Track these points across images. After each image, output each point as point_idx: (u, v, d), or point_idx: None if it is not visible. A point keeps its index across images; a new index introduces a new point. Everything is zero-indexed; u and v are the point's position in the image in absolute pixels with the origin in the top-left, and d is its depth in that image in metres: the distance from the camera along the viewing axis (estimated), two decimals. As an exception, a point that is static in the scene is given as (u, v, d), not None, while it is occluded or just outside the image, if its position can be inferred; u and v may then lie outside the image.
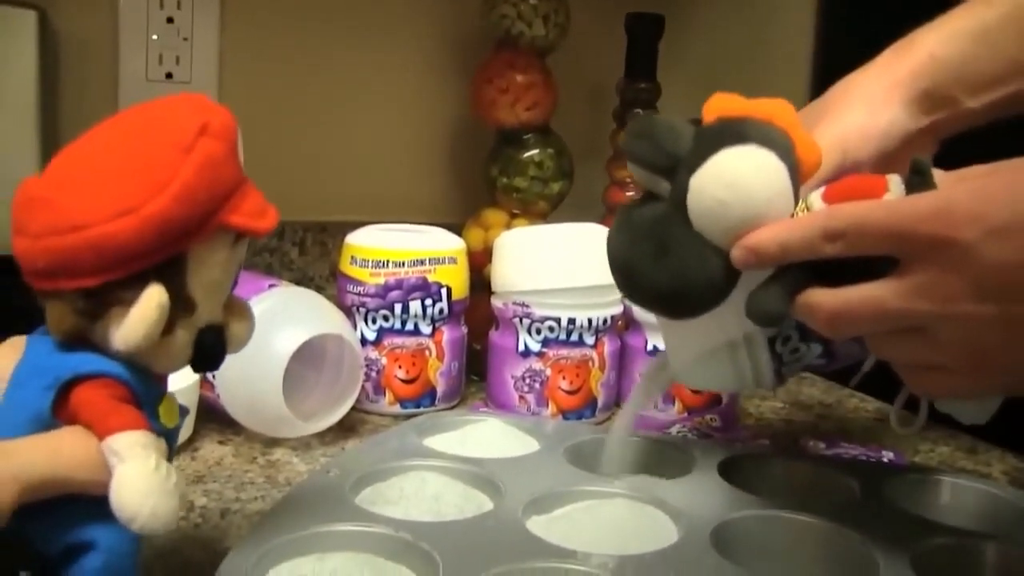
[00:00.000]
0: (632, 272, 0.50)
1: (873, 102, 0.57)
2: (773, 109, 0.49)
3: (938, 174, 0.49)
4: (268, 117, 0.96)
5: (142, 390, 0.40)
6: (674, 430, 0.73)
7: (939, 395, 0.50)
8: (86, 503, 0.37)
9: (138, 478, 0.36)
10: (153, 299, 0.38)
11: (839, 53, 1.12)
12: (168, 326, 0.39)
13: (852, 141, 0.56)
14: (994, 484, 0.64)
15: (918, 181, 0.48)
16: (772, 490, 0.58)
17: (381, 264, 0.75)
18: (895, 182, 0.48)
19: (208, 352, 0.42)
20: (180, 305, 0.40)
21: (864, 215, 0.45)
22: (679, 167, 0.48)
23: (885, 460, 0.69)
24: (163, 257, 0.38)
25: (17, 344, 0.41)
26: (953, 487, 0.61)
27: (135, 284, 0.38)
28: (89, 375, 0.38)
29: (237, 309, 0.44)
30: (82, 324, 0.39)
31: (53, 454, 0.37)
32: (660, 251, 0.49)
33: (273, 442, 0.69)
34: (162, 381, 0.43)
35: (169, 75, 0.90)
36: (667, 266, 0.49)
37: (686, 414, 0.78)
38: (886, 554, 0.49)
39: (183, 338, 0.41)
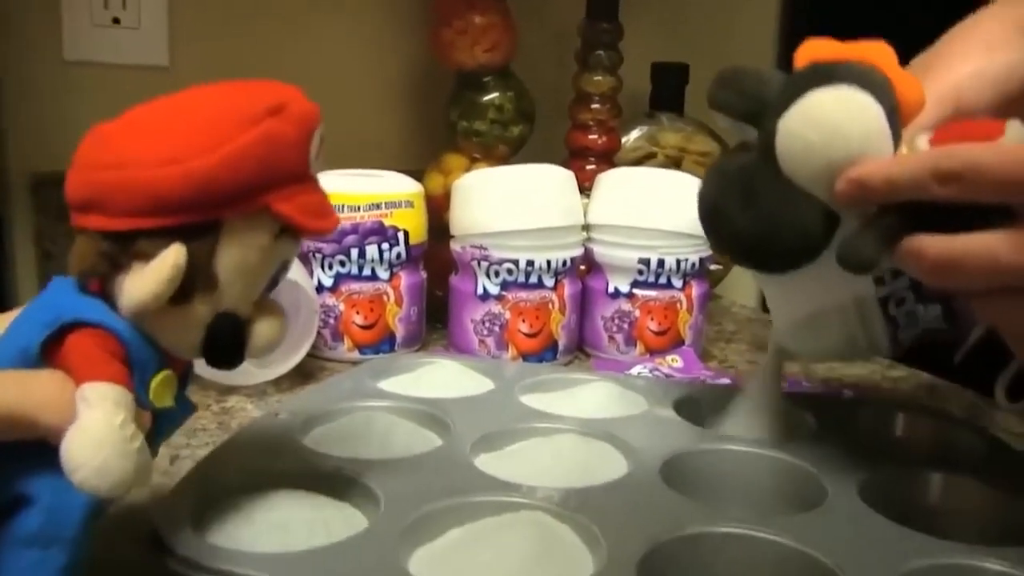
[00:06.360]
0: (718, 219, 0.48)
1: (991, 44, 0.52)
2: (868, 51, 0.46)
3: None
4: (221, 60, 0.93)
5: (141, 357, 0.38)
6: (635, 371, 0.73)
7: None
8: (37, 453, 0.35)
9: (96, 428, 0.34)
10: (170, 258, 0.37)
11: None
12: (185, 294, 0.37)
13: (967, 86, 0.51)
14: (946, 413, 0.64)
15: None
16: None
17: (336, 208, 0.73)
18: (1015, 127, 0.44)
19: (219, 339, 0.40)
20: (201, 276, 0.38)
21: (983, 157, 0.41)
22: (766, 113, 0.46)
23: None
24: (196, 218, 0.37)
25: (3, 321, 0.39)
26: (906, 419, 0.61)
27: (161, 240, 0.37)
28: (90, 323, 0.37)
29: (269, 310, 0.42)
30: (101, 268, 0.37)
31: (23, 389, 0.35)
32: (748, 198, 0.47)
33: (228, 390, 0.68)
34: (170, 359, 0.40)
35: (116, 20, 0.87)
36: (755, 215, 0.46)
37: (648, 355, 0.78)
38: (834, 483, 0.49)
39: (198, 313, 0.38)
